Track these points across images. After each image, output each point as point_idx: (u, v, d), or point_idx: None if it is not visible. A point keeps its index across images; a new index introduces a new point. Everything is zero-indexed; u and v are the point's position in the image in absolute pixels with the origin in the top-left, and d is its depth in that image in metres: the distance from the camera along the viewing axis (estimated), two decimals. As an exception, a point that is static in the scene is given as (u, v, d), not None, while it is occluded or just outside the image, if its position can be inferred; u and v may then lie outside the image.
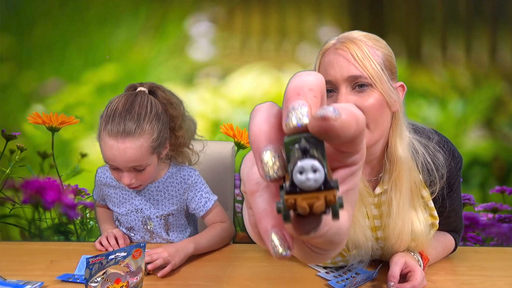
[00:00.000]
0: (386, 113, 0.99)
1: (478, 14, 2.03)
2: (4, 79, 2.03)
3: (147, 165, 1.19)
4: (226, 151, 1.65)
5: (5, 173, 2.05)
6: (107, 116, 1.16)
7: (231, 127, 2.02)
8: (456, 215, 1.19)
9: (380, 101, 0.96)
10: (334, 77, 0.97)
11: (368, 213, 1.08)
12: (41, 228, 2.08)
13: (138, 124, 1.15)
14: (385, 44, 1.03)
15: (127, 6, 2.02)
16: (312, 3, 2.03)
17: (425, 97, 2.05)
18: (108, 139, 1.15)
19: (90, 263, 0.87)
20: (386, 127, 1.01)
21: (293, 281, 1.09)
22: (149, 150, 1.17)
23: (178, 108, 1.27)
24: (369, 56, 0.96)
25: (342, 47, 0.97)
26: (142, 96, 1.21)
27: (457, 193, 1.16)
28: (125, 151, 1.14)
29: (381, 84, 0.96)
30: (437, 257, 1.19)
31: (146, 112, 1.17)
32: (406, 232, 1.04)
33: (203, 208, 1.31)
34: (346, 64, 0.96)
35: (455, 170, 1.10)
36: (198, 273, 1.13)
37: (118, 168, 1.18)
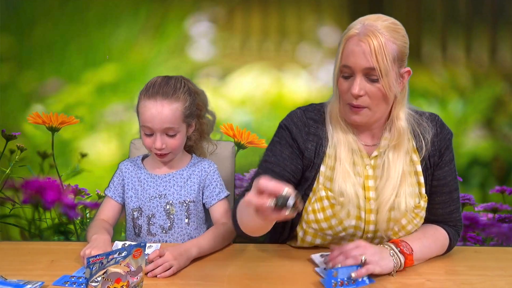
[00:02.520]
0: (382, 102, 1.15)
1: (478, 14, 2.03)
2: (4, 79, 2.03)
3: (178, 132, 1.32)
4: (226, 151, 1.65)
5: (5, 173, 2.05)
6: (146, 88, 1.33)
7: (231, 127, 2.02)
8: (451, 198, 1.24)
9: (382, 92, 1.12)
10: (353, 64, 1.11)
11: (363, 172, 1.21)
12: (41, 228, 2.08)
13: (174, 91, 1.32)
14: (402, 35, 1.15)
15: (127, 6, 2.02)
16: (312, 3, 2.03)
17: (425, 97, 2.05)
18: (147, 102, 1.30)
19: (91, 263, 0.87)
20: (384, 110, 1.18)
21: (293, 281, 1.09)
22: (181, 116, 1.32)
23: (203, 99, 1.44)
24: (384, 51, 1.09)
25: (364, 40, 1.10)
26: (177, 77, 1.38)
27: (449, 168, 1.24)
28: (163, 110, 1.29)
29: (386, 78, 1.10)
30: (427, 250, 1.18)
31: (181, 85, 1.34)
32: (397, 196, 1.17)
33: (216, 197, 1.39)
34: (364, 56, 1.10)
35: (444, 140, 1.23)
36: (198, 273, 1.13)
37: (151, 134, 1.31)
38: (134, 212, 1.40)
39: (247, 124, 2.04)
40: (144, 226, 1.39)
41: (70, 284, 1.06)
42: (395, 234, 1.21)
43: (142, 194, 1.39)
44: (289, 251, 1.30)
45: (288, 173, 1.20)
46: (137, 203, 1.39)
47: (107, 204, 1.42)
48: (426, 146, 1.20)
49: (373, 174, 1.21)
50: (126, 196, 1.41)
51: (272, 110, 2.01)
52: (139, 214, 1.39)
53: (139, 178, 1.40)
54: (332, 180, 1.19)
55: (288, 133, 1.23)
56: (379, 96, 1.13)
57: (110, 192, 1.42)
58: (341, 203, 1.18)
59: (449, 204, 1.25)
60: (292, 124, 1.23)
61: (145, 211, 1.38)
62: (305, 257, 1.24)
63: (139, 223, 1.39)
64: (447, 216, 1.26)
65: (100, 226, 1.34)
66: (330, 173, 1.20)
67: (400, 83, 1.15)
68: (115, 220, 1.43)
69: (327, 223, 1.20)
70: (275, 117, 1.97)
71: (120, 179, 1.42)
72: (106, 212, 1.41)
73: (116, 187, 1.42)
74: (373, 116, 1.16)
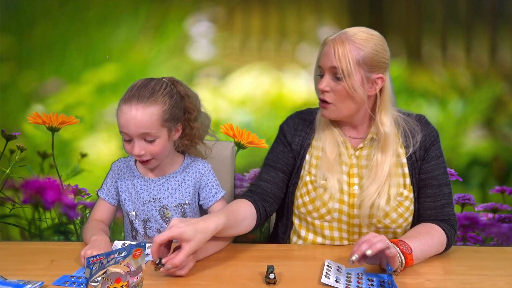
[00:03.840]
0: (348, 100, 1.28)
1: (478, 14, 2.03)
2: (4, 79, 2.04)
3: (157, 137, 1.27)
4: (226, 151, 1.65)
5: (5, 173, 2.05)
6: (126, 91, 1.29)
7: (231, 127, 2.03)
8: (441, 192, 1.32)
9: (345, 91, 1.26)
10: (323, 64, 1.29)
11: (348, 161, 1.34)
12: (41, 228, 2.08)
13: (152, 94, 1.26)
14: (375, 43, 1.27)
15: (127, 6, 2.02)
16: (312, 3, 2.03)
17: (425, 97, 2.05)
18: (123, 106, 1.25)
19: (91, 263, 0.87)
20: (352, 109, 1.31)
21: (293, 281, 1.09)
22: (159, 120, 1.26)
23: (194, 101, 1.38)
24: (347, 55, 1.24)
25: (333, 44, 1.26)
26: (160, 79, 1.34)
27: (436, 163, 1.33)
28: (137, 115, 1.23)
29: (349, 79, 1.25)
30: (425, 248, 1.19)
31: (160, 88, 1.29)
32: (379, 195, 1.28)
33: (212, 198, 1.39)
34: (330, 57, 1.26)
35: (429, 136, 1.34)
36: (198, 273, 1.13)
37: (130, 140, 1.26)
38: (130, 215, 1.38)
39: (247, 124, 2.04)
40: (140, 230, 1.38)
41: (70, 284, 1.06)
42: (379, 221, 1.30)
43: (136, 198, 1.37)
44: (289, 251, 1.30)
45: (281, 165, 1.40)
46: (131, 206, 1.38)
47: (101, 206, 1.41)
48: (414, 146, 1.33)
49: (357, 162, 1.35)
50: (120, 199, 1.39)
51: (272, 110, 2.01)
52: (134, 218, 1.38)
53: (132, 181, 1.38)
54: (317, 167, 1.35)
55: (282, 133, 1.44)
56: (343, 94, 1.27)
57: (103, 194, 1.40)
58: (323, 186, 1.32)
59: (440, 198, 1.32)
60: (285, 124, 1.45)
61: (140, 215, 1.37)
62: (305, 257, 1.24)
63: (135, 227, 1.38)
64: (440, 210, 1.31)
65: (97, 227, 1.33)
66: (316, 161, 1.37)
67: (371, 88, 1.29)
68: (110, 221, 1.42)
69: (312, 205, 1.34)
70: (275, 117, 1.98)
71: (113, 180, 1.40)
72: (100, 214, 1.40)
73: (109, 188, 1.40)
74: (340, 112, 1.31)
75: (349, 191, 1.33)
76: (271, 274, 1.06)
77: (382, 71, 1.29)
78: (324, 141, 1.36)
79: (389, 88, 1.32)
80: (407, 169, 1.33)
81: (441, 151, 1.37)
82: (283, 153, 1.41)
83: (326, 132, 1.37)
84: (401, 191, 1.31)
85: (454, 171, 2.04)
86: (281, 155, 1.41)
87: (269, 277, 1.06)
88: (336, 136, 1.36)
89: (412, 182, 1.33)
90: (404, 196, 1.31)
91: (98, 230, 1.30)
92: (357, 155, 1.35)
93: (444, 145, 2.04)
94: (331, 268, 1.12)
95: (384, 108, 1.32)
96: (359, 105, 1.30)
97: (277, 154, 1.41)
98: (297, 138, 1.41)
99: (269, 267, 1.08)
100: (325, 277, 1.06)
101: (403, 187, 1.32)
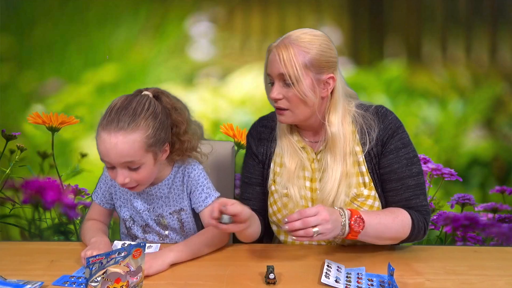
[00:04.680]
0: (301, 105, 1.25)
1: (478, 14, 2.03)
2: (4, 79, 2.03)
3: (141, 164, 1.17)
4: (226, 151, 1.65)
5: (5, 173, 2.05)
6: (105, 113, 1.17)
7: (231, 127, 2.03)
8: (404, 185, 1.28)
9: (296, 96, 1.23)
10: (271, 72, 1.26)
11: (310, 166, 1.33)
12: (41, 228, 2.08)
13: (133, 119, 1.15)
14: (319, 44, 1.24)
15: (127, 6, 2.02)
16: (312, 3, 2.03)
17: (425, 97, 2.05)
18: (102, 133, 1.14)
19: (90, 263, 0.87)
20: (307, 112, 1.27)
21: (293, 281, 1.09)
22: (142, 147, 1.16)
23: (182, 114, 1.28)
24: (293, 60, 1.20)
25: (277, 50, 1.23)
26: (142, 96, 1.21)
27: (395, 156, 1.29)
28: (117, 144, 1.13)
29: (297, 85, 1.22)
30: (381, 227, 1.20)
31: (142, 109, 1.17)
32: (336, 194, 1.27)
33: (203, 203, 1.31)
34: (276, 64, 1.23)
35: (386, 130, 1.30)
36: (198, 273, 1.13)
37: (113, 167, 1.17)
38: (126, 221, 1.36)
39: (247, 124, 2.03)
40: (139, 235, 1.35)
41: (69, 284, 1.06)
42: None
43: (130, 207, 1.34)
44: (289, 251, 1.30)
45: (255, 179, 1.40)
46: (127, 213, 1.35)
47: (96, 209, 1.39)
48: (370, 143, 1.29)
49: (318, 166, 1.32)
50: (116, 205, 1.36)
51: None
52: (131, 224, 1.36)
53: (125, 190, 1.32)
54: (281, 175, 1.34)
55: (249, 145, 1.44)
56: (296, 99, 1.24)
57: (98, 199, 1.38)
58: (286, 194, 1.31)
59: (403, 191, 1.29)
60: (249, 136, 1.44)
61: (138, 221, 1.35)
62: (305, 257, 1.24)
63: (133, 232, 1.36)
64: (405, 203, 1.28)
65: (96, 228, 1.32)
66: (279, 169, 1.36)
67: (323, 89, 1.25)
68: (107, 221, 1.41)
69: (280, 213, 1.34)
70: (275, 117, 1.97)
71: (106, 186, 1.36)
72: (96, 216, 1.38)
73: (104, 194, 1.37)
74: (296, 117, 1.27)
75: (312, 196, 1.32)
76: (271, 274, 1.06)
77: (332, 70, 1.25)
78: (284, 151, 1.33)
79: (340, 86, 1.29)
80: (364, 167, 1.30)
81: (405, 141, 1.30)
82: (253, 167, 1.40)
83: (284, 142, 1.34)
84: (361, 191, 1.29)
85: (454, 171, 2.04)
86: (252, 169, 1.40)
87: (269, 277, 1.06)
88: (294, 143, 1.33)
89: (373, 179, 1.30)
90: (365, 196, 1.29)
91: (97, 231, 1.29)
92: (318, 159, 1.33)
93: (444, 145, 2.06)
94: (331, 268, 1.12)
95: (333, 108, 1.28)
96: (313, 108, 1.26)
97: (249, 169, 1.41)
98: (262, 148, 1.39)
99: (269, 267, 1.08)
100: (325, 277, 1.06)
101: (363, 186, 1.30)
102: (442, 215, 2.05)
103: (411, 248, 1.33)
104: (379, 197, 1.30)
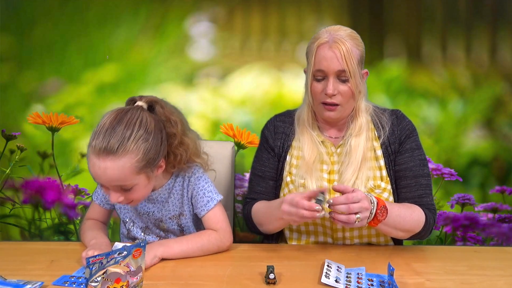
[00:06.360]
0: (351, 99, 1.33)
1: (478, 14, 2.03)
2: (4, 79, 2.03)
3: (134, 185, 1.14)
4: (226, 151, 1.65)
5: (5, 173, 2.05)
6: (94, 132, 1.13)
7: (231, 127, 2.03)
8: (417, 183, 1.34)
9: (351, 91, 1.31)
10: (326, 68, 1.29)
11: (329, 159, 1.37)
12: (41, 228, 2.08)
13: (122, 143, 1.09)
14: (360, 41, 1.33)
15: (127, 6, 2.02)
16: (312, 3, 2.03)
17: (425, 97, 2.05)
18: (92, 156, 1.11)
19: (90, 263, 0.87)
20: (351, 108, 1.36)
21: (293, 281, 1.09)
22: (133, 170, 1.12)
23: (176, 126, 1.22)
24: (351, 56, 1.27)
25: (334, 46, 1.28)
26: (133, 112, 1.15)
27: (410, 155, 1.36)
28: (106, 170, 1.09)
29: (354, 79, 1.29)
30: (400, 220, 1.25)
31: (132, 131, 1.11)
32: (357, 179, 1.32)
33: (205, 207, 1.28)
34: (336, 60, 1.28)
35: (404, 129, 1.38)
36: (198, 273, 1.13)
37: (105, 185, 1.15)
38: (126, 223, 1.36)
39: (247, 124, 2.04)
40: (140, 237, 1.35)
41: (69, 284, 1.06)
42: None
43: (131, 209, 1.34)
44: (289, 251, 1.30)
45: (269, 172, 1.43)
46: (127, 215, 1.36)
47: (96, 209, 1.38)
48: (384, 134, 1.36)
49: (338, 159, 1.37)
50: (116, 207, 1.36)
51: (272, 110, 2.00)
52: (131, 226, 1.36)
53: None
54: (297, 167, 1.38)
55: (264, 138, 1.47)
56: (349, 94, 1.31)
57: (98, 199, 1.37)
58: (303, 184, 1.35)
59: (417, 188, 1.34)
60: (266, 129, 1.48)
61: (138, 223, 1.35)
62: (305, 257, 1.24)
63: (133, 234, 1.36)
64: (418, 200, 1.33)
65: (95, 227, 1.32)
66: (296, 161, 1.39)
67: (362, 83, 1.34)
68: (107, 221, 1.41)
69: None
70: (275, 117, 1.97)
71: None
72: (96, 216, 1.38)
73: (104, 194, 1.36)
74: (344, 112, 1.35)
75: (329, 188, 1.34)
76: (271, 274, 1.06)
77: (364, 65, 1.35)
78: (303, 144, 1.38)
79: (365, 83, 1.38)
80: (383, 161, 1.36)
81: (418, 144, 1.39)
82: (268, 160, 1.43)
83: (305, 135, 1.39)
84: (379, 183, 1.34)
85: (454, 171, 2.04)
86: (267, 162, 1.43)
87: (269, 277, 1.06)
88: (314, 137, 1.38)
89: (389, 174, 1.35)
90: (382, 188, 1.34)
91: (97, 231, 1.29)
92: (338, 153, 1.38)
93: (444, 145, 2.06)
94: (331, 268, 1.12)
95: (362, 98, 1.37)
96: (357, 102, 1.36)
97: (263, 163, 1.44)
98: (279, 142, 1.43)
99: (269, 267, 1.08)
100: (325, 277, 1.06)
101: (380, 179, 1.35)
102: (442, 215, 2.05)
103: (411, 248, 1.33)
104: (393, 193, 1.35)
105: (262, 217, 1.37)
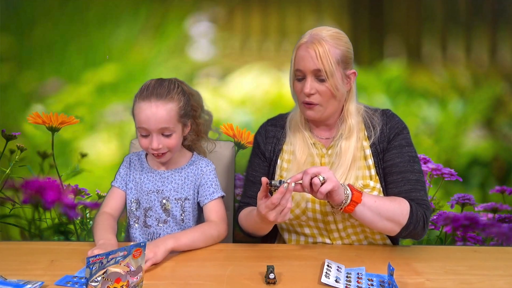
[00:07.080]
0: (332, 99, 1.34)
1: (478, 14, 2.03)
2: (4, 79, 2.03)
3: (174, 132, 1.35)
4: (226, 151, 1.65)
5: (5, 173, 2.05)
6: (141, 90, 1.36)
7: (231, 127, 2.03)
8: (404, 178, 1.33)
9: (329, 91, 1.32)
10: (303, 68, 1.32)
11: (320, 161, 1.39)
12: (41, 228, 2.08)
13: (168, 92, 1.35)
14: (345, 41, 1.34)
15: (127, 6, 2.02)
16: (312, 3, 2.03)
17: (425, 97, 2.05)
18: (142, 104, 1.33)
19: (91, 263, 0.87)
20: (335, 106, 1.37)
21: (293, 281, 1.10)
22: (176, 116, 1.35)
23: (198, 100, 1.47)
24: (328, 56, 1.28)
25: (311, 46, 1.30)
26: (170, 80, 1.42)
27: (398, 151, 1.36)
28: (157, 111, 1.31)
29: (332, 79, 1.30)
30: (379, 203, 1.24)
31: (174, 87, 1.38)
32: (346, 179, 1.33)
33: (209, 196, 1.42)
34: (311, 60, 1.29)
35: (393, 128, 1.38)
36: (198, 273, 1.13)
37: (147, 135, 1.34)
38: (133, 203, 1.44)
39: (247, 124, 2.04)
40: (141, 218, 1.43)
41: (72, 284, 1.06)
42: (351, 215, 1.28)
43: (141, 187, 1.44)
44: (289, 251, 1.30)
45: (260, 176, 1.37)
46: (136, 195, 1.44)
47: (113, 194, 1.46)
48: (375, 135, 1.37)
49: (329, 161, 1.39)
50: (127, 187, 1.45)
51: (272, 110, 2.01)
52: (137, 206, 1.44)
53: (141, 172, 1.46)
54: (288, 170, 1.39)
55: (256, 143, 1.49)
56: (328, 94, 1.32)
57: (117, 183, 1.47)
58: None
59: (404, 183, 1.33)
60: (258, 134, 1.50)
61: (143, 203, 1.43)
62: (305, 257, 1.24)
63: (136, 214, 1.44)
64: (405, 195, 1.31)
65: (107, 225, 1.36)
66: (287, 165, 1.41)
67: (347, 83, 1.35)
68: (121, 210, 1.46)
69: None
70: (275, 117, 1.97)
71: (126, 170, 1.47)
72: (112, 202, 1.45)
73: (123, 177, 1.47)
74: (325, 111, 1.35)
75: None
76: (271, 274, 1.06)
77: (352, 66, 1.36)
78: (295, 145, 1.40)
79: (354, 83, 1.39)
80: (371, 160, 1.37)
81: (409, 142, 1.39)
82: (259, 165, 1.47)
83: (297, 136, 1.41)
84: (368, 182, 1.34)
85: (454, 171, 2.04)
86: (258, 167, 1.47)
87: (269, 277, 1.06)
88: (306, 138, 1.40)
89: (378, 173, 1.36)
90: (371, 187, 1.34)
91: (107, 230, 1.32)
92: (329, 154, 1.40)
93: (444, 145, 2.06)
94: (331, 268, 1.12)
95: (350, 102, 1.38)
96: (340, 102, 1.37)
97: (255, 168, 1.47)
98: (269, 146, 1.46)
99: (269, 267, 1.08)
100: (325, 277, 1.07)
101: (369, 178, 1.36)
102: (442, 215, 2.05)
103: (411, 248, 1.33)
104: (383, 192, 1.35)
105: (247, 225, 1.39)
